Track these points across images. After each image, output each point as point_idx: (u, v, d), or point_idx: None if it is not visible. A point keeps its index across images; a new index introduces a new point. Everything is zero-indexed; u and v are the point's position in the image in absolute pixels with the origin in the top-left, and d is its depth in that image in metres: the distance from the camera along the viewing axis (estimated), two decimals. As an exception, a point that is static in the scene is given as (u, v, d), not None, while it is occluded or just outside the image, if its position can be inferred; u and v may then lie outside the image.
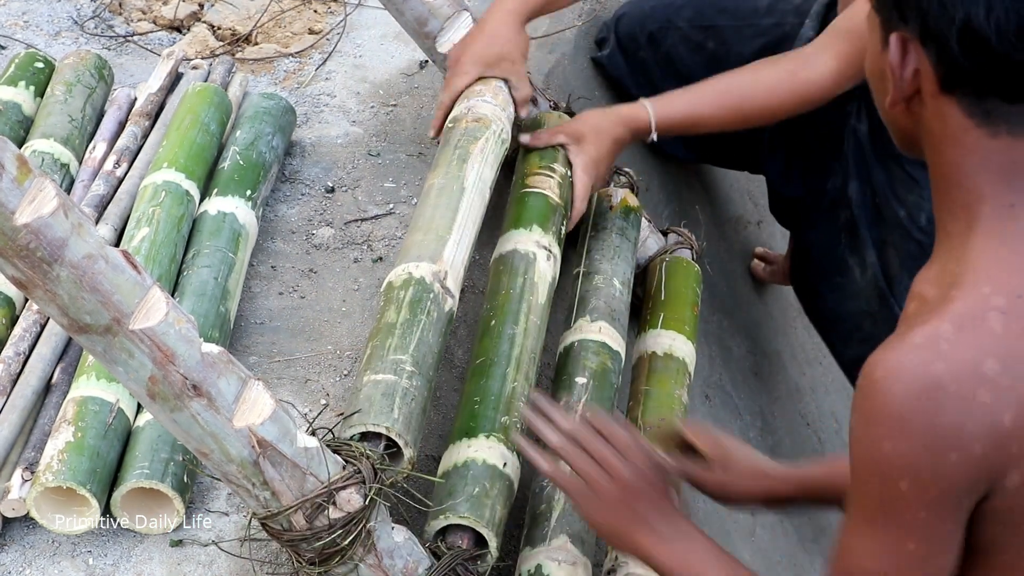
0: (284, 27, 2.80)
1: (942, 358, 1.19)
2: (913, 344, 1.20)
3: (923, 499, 1.21)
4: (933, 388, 1.18)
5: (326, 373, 2.00)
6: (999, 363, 1.19)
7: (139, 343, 1.40)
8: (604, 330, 2.09)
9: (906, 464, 1.20)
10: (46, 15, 2.77)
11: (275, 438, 1.49)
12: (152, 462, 1.73)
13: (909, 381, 1.19)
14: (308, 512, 1.54)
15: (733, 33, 2.71)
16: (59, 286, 1.34)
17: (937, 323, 1.21)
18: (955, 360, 1.19)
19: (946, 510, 1.22)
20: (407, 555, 1.63)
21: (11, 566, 1.73)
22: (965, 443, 1.18)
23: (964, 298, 1.22)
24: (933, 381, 1.18)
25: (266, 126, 2.30)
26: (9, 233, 1.30)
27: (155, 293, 1.40)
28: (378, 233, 2.28)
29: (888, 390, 1.19)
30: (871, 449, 1.21)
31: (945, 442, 1.18)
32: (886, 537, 1.24)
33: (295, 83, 2.63)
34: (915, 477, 1.20)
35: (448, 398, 2.04)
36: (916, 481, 1.20)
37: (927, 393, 1.18)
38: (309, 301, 2.14)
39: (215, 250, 2.04)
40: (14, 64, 2.43)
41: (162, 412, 1.46)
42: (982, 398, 1.18)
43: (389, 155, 2.46)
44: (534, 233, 2.09)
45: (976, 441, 1.18)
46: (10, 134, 2.28)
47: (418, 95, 2.62)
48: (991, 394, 1.18)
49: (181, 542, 1.75)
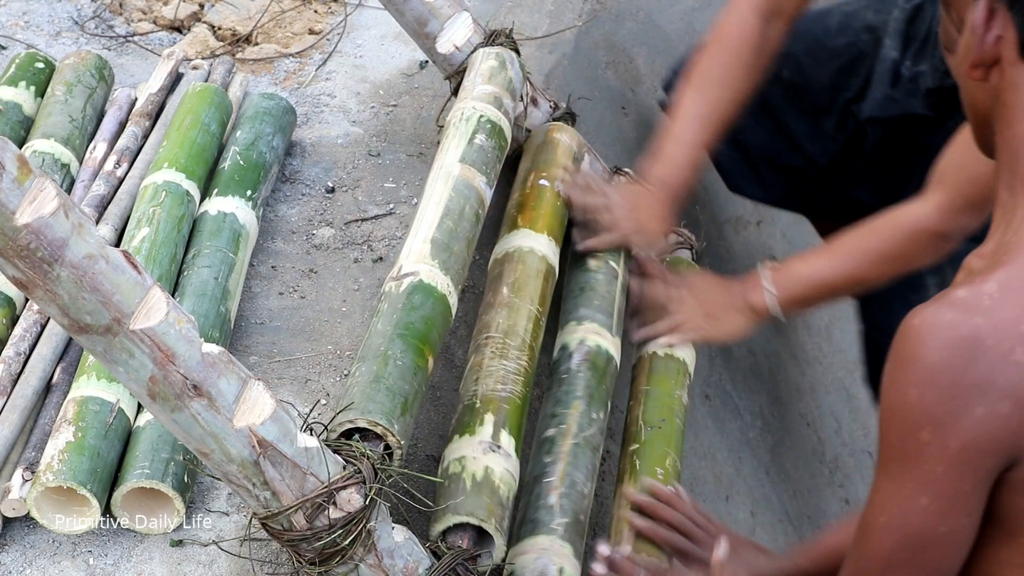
0: (284, 27, 2.80)
1: (983, 313, 1.18)
2: (955, 298, 1.19)
3: (942, 452, 1.18)
4: (969, 340, 1.17)
5: (326, 373, 2.00)
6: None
7: (139, 343, 1.40)
8: (601, 330, 2.10)
9: (929, 413, 1.18)
10: (46, 15, 2.77)
11: (275, 438, 1.49)
12: (153, 462, 1.73)
13: (946, 331, 1.18)
14: (308, 512, 1.54)
15: (807, 58, 2.67)
16: (59, 286, 1.34)
17: (982, 283, 1.20)
18: (996, 316, 1.17)
19: (966, 468, 1.19)
20: (407, 555, 1.63)
21: (11, 566, 1.73)
22: (993, 398, 1.16)
23: (1011, 263, 1.21)
24: (971, 333, 1.17)
25: (266, 126, 2.30)
26: (10, 233, 1.30)
27: (155, 293, 1.41)
28: (378, 233, 2.28)
29: (922, 338, 1.18)
30: (897, 396, 1.20)
31: (972, 394, 1.17)
32: (900, 489, 1.21)
33: (295, 83, 2.63)
34: (937, 427, 1.18)
35: (448, 398, 2.04)
36: (937, 431, 1.18)
37: (963, 344, 1.17)
38: (309, 301, 2.14)
39: (215, 250, 2.04)
40: (15, 64, 2.43)
41: (162, 412, 1.46)
42: (1018, 356, 1.16)
43: (389, 155, 2.46)
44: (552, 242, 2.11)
45: (1006, 398, 1.16)
46: (11, 134, 2.29)
47: (418, 95, 2.62)
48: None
49: (181, 542, 1.75)
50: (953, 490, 1.20)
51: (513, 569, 1.74)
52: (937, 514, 1.21)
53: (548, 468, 1.86)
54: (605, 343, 2.08)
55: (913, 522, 1.22)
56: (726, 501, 2.53)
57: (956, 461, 1.19)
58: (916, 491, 1.21)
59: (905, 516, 1.22)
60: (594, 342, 2.07)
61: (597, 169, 2.39)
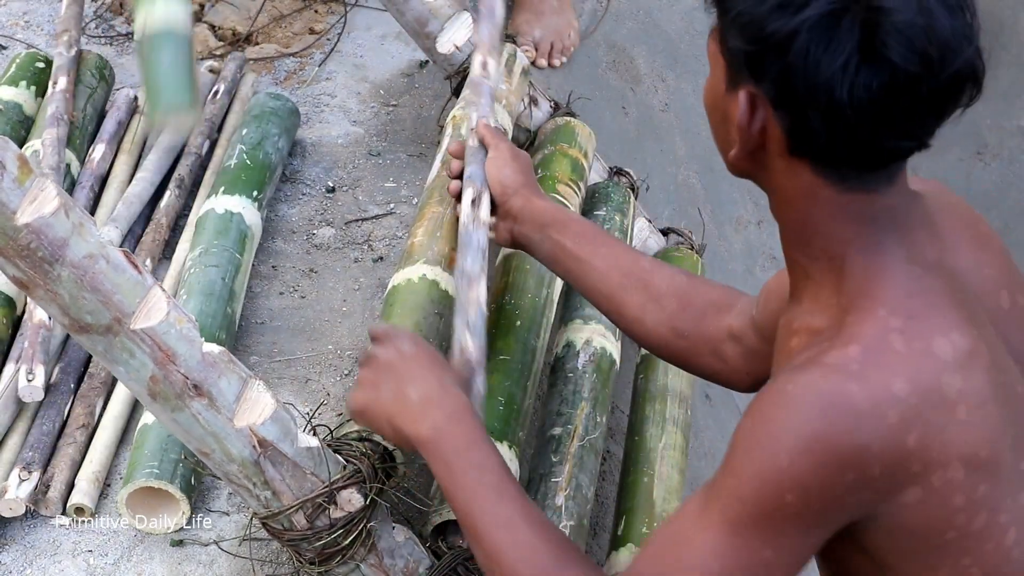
0: (284, 27, 2.80)
1: (855, 379, 1.18)
2: (826, 365, 1.19)
3: (802, 514, 1.19)
4: (848, 409, 1.17)
5: (327, 373, 2.00)
6: (907, 383, 1.18)
7: (140, 343, 1.40)
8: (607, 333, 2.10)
9: (799, 479, 1.18)
10: (47, 15, 2.77)
11: (276, 438, 1.49)
12: (162, 462, 1.72)
13: (823, 402, 1.17)
14: (309, 512, 1.54)
15: None
16: (60, 286, 1.35)
17: (843, 347, 1.20)
18: (868, 381, 1.18)
19: (818, 526, 1.21)
20: (408, 555, 1.63)
21: (11, 566, 1.73)
22: (866, 463, 1.17)
23: (863, 322, 1.21)
24: (848, 402, 1.17)
25: (272, 127, 2.30)
26: (10, 233, 1.30)
27: (156, 293, 1.41)
28: (379, 233, 2.28)
29: (798, 406, 1.18)
30: (767, 458, 1.19)
31: (846, 462, 1.17)
32: (745, 542, 1.21)
33: (296, 83, 2.63)
34: (804, 492, 1.18)
35: (448, 398, 2.04)
36: (803, 496, 1.18)
37: (841, 414, 1.17)
38: (310, 301, 2.14)
39: (223, 250, 2.03)
40: (15, 64, 2.43)
41: (163, 412, 1.47)
42: (891, 419, 1.17)
43: (390, 155, 2.46)
44: None
45: (877, 462, 1.17)
46: (11, 134, 2.29)
47: (418, 95, 2.62)
48: (900, 415, 1.17)
49: (182, 542, 1.75)
50: (798, 544, 1.21)
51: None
52: (776, 565, 1.22)
53: (555, 468, 1.86)
54: (609, 346, 2.08)
55: (749, 571, 1.22)
56: (726, 501, 2.53)
57: (812, 521, 1.20)
58: (762, 545, 1.21)
59: (743, 566, 1.22)
60: (600, 344, 2.07)
61: (598, 169, 2.39)
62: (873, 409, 1.17)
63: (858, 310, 1.23)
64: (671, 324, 1.62)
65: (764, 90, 1.22)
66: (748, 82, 1.23)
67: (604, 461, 2.09)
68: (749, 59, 1.22)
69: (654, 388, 2.13)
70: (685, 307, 1.61)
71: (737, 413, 2.80)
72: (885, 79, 1.16)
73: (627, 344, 2.20)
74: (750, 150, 1.26)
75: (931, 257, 1.26)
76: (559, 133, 2.32)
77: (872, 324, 1.21)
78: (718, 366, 1.61)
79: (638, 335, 1.66)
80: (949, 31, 1.17)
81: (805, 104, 1.19)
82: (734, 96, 1.25)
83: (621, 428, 2.19)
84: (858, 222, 1.25)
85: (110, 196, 2.24)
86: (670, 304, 1.62)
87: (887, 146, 1.21)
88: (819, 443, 1.17)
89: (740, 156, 1.27)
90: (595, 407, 1.98)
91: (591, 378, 2.02)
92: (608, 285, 1.65)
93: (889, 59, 1.15)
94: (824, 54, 1.16)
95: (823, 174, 1.23)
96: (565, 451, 1.89)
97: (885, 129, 1.19)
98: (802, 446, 1.17)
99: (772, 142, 1.24)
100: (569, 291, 2.17)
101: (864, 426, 1.17)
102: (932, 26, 1.16)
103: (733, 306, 1.60)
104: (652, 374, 2.16)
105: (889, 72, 1.16)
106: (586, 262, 1.66)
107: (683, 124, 3.20)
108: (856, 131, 1.19)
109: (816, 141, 1.21)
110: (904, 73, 1.16)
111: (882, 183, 1.24)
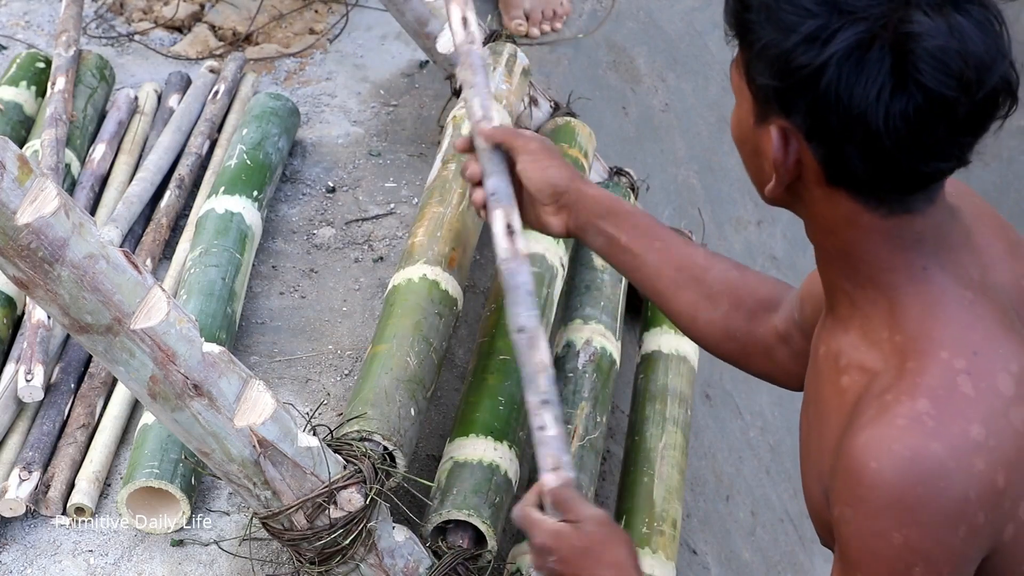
0: (284, 27, 2.80)
1: (934, 436, 1.16)
2: (898, 427, 1.17)
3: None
4: (936, 469, 1.16)
5: (327, 373, 2.00)
6: (983, 426, 1.17)
7: (140, 343, 1.40)
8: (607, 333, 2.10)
9: (919, 551, 1.17)
10: (47, 15, 2.77)
11: (276, 438, 1.49)
12: (162, 462, 1.72)
13: (910, 467, 1.16)
14: (309, 511, 1.54)
15: None
16: (60, 286, 1.35)
17: (911, 401, 1.18)
18: (946, 435, 1.17)
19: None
20: (408, 554, 1.63)
21: (12, 565, 1.73)
22: (970, 515, 1.17)
23: (927, 369, 1.20)
24: (934, 462, 1.16)
25: (273, 127, 2.30)
26: (10, 233, 1.30)
27: (156, 293, 1.41)
28: (379, 233, 2.28)
29: (889, 480, 1.17)
30: (879, 541, 1.19)
31: (954, 520, 1.17)
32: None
33: (296, 83, 2.63)
34: (928, 560, 1.18)
35: (448, 398, 2.04)
36: (929, 564, 1.18)
37: (931, 475, 1.16)
38: (310, 301, 2.14)
39: (223, 250, 2.03)
40: (15, 64, 2.44)
41: (163, 412, 1.47)
42: (979, 466, 1.17)
43: (390, 155, 2.46)
44: (559, 247, 2.11)
45: (980, 510, 1.17)
46: (11, 134, 2.29)
47: (419, 95, 2.62)
48: (985, 460, 1.17)
49: (182, 542, 1.75)
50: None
51: (518, 567, 1.75)
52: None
53: (554, 468, 1.86)
54: (610, 346, 2.09)
55: None
56: (726, 501, 2.53)
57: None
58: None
59: None
60: (600, 344, 2.07)
61: (598, 169, 2.39)
62: (960, 461, 1.16)
63: (918, 354, 1.21)
64: (723, 325, 1.60)
65: (796, 123, 1.20)
66: (778, 115, 1.21)
67: (604, 461, 2.09)
68: (778, 94, 1.19)
69: (654, 388, 2.13)
70: (737, 307, 1.59)
71: (738, 413, 2.80)
72: (921, 105, 1.14)
73: (627, 344, 2.21)
74: (787, 183, 1.24)
75: (975, 277, 1.25)
76: (559, 133, 2.32)
77: (936, 370, 1.20)
78: (769, 367, 1.60)
79: (691, 334, 1.64)
80: (982, 49, 1.15)
81: (840, 136, 1.17)
82: (764, 130, 1.23)
83: (621, 428, 2.19)
84: (903, 247, 1.23)
85: (110, 196, 2.24)
86: (722, 304, 1.60)
87: (926, 170, 1.19)
88: (922, 509, 1.16)
89: (777, 190, 1.25)
90: (595, 407, 1.98)
91: (591, 378, 2.02)
92: (662, 281, 1.62)
93: (924, 84, 1.13)
94: (856, 85, 1.14)
95: (863, 200, 1.22)
96: (565, 451, 1.89)
97: (923, 153, 1.17)
98: (907, 518, 1.17)
99: (808, 173, 1.22)
100: (569, 291, 2.18)
101: (957, 480, 1.16)
102: (965, 48, 1.14)
103: (781, 304, 1.58)
104: (652, 374, 2.16)
105: (924, 97, 1.14)
106: (640, 256, 1.62)
107: (683, 124, 3.20)
108: (894, 158, 1.17)
109: (853, 170, 1.19)
110: (940, 97, 1.14)
111: (923, 203, 1.22)
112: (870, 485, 1.18)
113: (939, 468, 1.16)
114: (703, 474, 2.48)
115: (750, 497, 2.65)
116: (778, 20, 1.17)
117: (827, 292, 1.31)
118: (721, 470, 2.57)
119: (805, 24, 1.16)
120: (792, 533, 2.84)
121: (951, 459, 1.16)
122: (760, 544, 2.64)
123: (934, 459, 1.16)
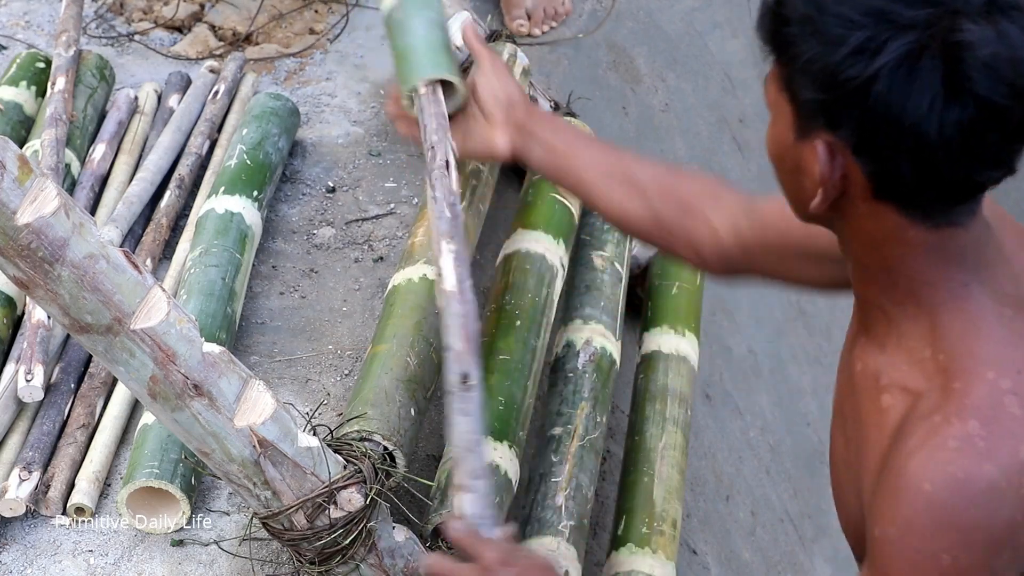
0: (284, 27, 2.80)
1: (986, 458, 1.16)
2: (951, 449, 1.16)
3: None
4: (989, 491, 1.15)
5: (327, 373, 2.00)
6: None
7: (140, 343, 1.40)
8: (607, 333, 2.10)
9: (966, 571, 1.17)
10: (47, 15, 2.77)
11: (276, 438, 1.49)
12: (162, 462, 1.72)
13: (964, 489, 1.15)
14: (309, 511, 1.54)
15: None
16: (60, 286, 1.35)
17: (961, 423, 1.17)
18: (999, 456, 1.16)
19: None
20: (408, 554, 1.63)
21: (12, 565, 1.73)
22: (1016, 537, 1.17)
23: (973, 390, 1.19)
24: (988, 484, 1.15)
25: (273, 127, 2.30)
26: (11, 233, 1.30)
27: (156, 293, 1.41)
28: (379, 233, 2.28)
29: (944, 502, 1.16)
30: (928, 562, 1.18)
31: (1000, 541, 1.16)
32: None
33: (296, 83, 2.63)
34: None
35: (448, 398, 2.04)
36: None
37: (985, 497, 1.15)
38: (310, 301, 2.14)
39: (223, 250, 2.03)
40: (15, 64, 2.44)
41: (163, 412, 1.47)
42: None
43: (390, 155, 2.46)
44: (559, 247, 2.10)
45: (1023, 531, 1.17)
46: (11, 134, 2.29)
47: (419, 95, 2.61)
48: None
49: (182, 542, 1.75)
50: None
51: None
52: None
53: (555, 468, 1.87)
54: (609, 346, 2.09)
55: None
56: (726, 501, 2.53)
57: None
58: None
59: None
60: (600, 344, 2.07)
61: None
62: (1011, 482, 1.16)
63: (963, 373, 1.20)
64: (653, 214, 1.64)
65: (842, 137, 1.18)
66: (822, 130, 1.19)
67: (604, 461, 2.09)
68: (824, 108, 1.17)
69: (654, 388, 2.13)
70: (667, 198, 1.63)
71: (738, 413, 2.80)
72: (974, 114, 1.13)
73: (627, 344, 2.21)
74: (832, 199, 1.22)
75: (1011, 292, 1.24)
76: None
77: (983, 390, 1.19)
78: (695, 260, 1.64)
79: (623, 225, 1.70)
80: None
81: (890, 148, 1.15)
82: (806, 145, 1.20)
83: (621, 428, 2.19)
84: (946, 261, 1.22)
85: (110, 196, 2.24)
86: (653, 195, 1.64)
87: (978, 179, 1.18)
88: (974, 531, 1.16)
89: (823, 206, 1.23)
90: (595, 407, 1.98)
91: (591, 378, 2.02)
92: (595, 176, 1.68)
93: (977, 93, 1.12)
94: (908, 96, 1.13)
95: (909, 214, 1.20)
96: (565, 451, 1.89)
97: (976, 162, 1.16)
98: (959, 539, 1.16)
99: (854, 188, 1.20)
100: (569, 291, 2.17)
101: (1007, 502, 1.16)
102: (1015, 55, 1.13)
103: (719, 198, 1.61)
104: (652, 374, 2.16)
105: (978, 106, 1.12)
106: (575, 157, 1.70)
107: (683, 124, 3.20)
108: (946, 168, 1.15)
109: (903, 183, 1.17)
110: (993, 106, 1.12)
111: (966, 216, 1.22)
112: (923, 507, 1.17)
113: (991, 490, 1.15)
114: (703, 474, 2.48)
115: (750, 497, 2.65)
116: (823, 33, 1.15)
117: (861, 309, 1.30)
118: (721, 470, 2.57)
119: (853, 36, 1.14)
120: (792, 533, 2.84)
121: (1003, 480, 1.15)
122: (760, 544, 2.64)
123: (987, 481, 1.15)
